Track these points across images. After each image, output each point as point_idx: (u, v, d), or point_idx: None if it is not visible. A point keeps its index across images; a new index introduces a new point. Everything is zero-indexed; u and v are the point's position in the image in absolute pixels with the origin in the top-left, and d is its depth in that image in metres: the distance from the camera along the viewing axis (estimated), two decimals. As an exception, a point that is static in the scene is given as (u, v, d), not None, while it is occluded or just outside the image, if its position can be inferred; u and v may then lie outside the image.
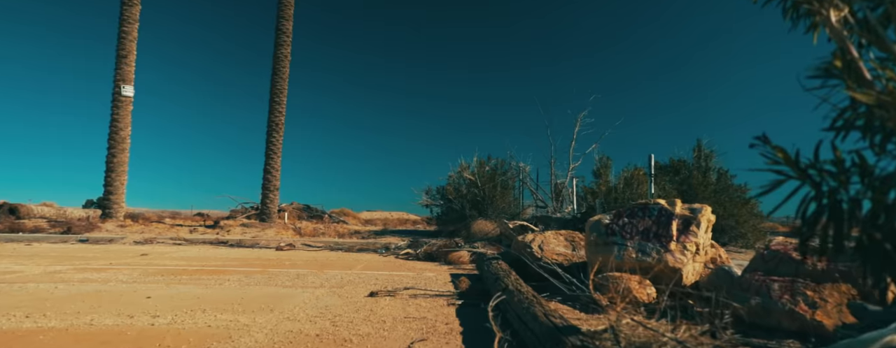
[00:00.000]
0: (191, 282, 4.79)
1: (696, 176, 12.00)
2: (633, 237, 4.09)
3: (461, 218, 12.25)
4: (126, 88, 14.06)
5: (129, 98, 14.24)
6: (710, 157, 12.66)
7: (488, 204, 11.88)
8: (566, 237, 5.27)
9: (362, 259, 7.87)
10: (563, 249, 5.08)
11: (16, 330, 2.80)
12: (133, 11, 14.18)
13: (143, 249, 8.87)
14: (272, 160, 14.97)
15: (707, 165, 12.54)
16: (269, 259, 7.52)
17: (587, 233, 4.40)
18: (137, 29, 14.27)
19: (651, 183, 6.60)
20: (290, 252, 9.00)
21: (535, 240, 5.20)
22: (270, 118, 15.14)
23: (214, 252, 8.65)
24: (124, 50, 14.08)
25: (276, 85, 15.05)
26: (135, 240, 10.69)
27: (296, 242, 10.88)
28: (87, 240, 10.78)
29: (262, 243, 10.72)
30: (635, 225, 4.14)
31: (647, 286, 3.67)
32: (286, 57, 15.06)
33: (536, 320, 2.39)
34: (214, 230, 13.03)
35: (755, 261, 3.19)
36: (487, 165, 12.83)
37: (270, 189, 14.84)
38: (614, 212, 4.36)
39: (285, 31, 15.00)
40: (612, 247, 4.13)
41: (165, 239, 11.05)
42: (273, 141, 15.04)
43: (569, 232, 5.43)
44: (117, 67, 14.07)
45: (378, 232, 14.50)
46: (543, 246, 5.12)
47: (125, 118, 14.17)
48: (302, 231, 12.99)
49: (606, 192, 11.38)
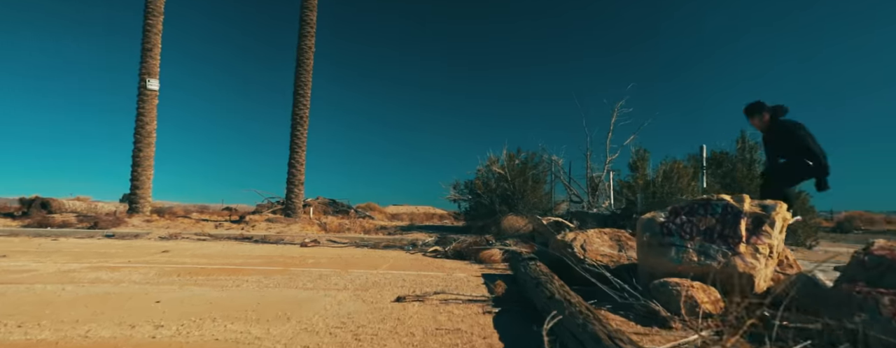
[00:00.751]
0: (206, 284, 4.49)
1: (741, 169, 11.30)
2: (693, 237, 3.60)
3: (490, 213, 11.81)
4: (151, 82, 13.99)
5: (155, 92, 14.18)
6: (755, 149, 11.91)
7: (519, 198, 11.40)
8: (611, 236, 4.79)
9: (389, 256, 7.52)
10: (609, 249, 4.61)
11: (1, 342, 2.49)
12: (158, 3, 14.07)
13: (166, 245, 8.70)
14: (297, 154, 14.76)
15: (752, 157, 11.80)
16: (293, 256, 7.22)
17: (639, 233, 3.93)
18: (162, 22, 14.19)
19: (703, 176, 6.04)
20: (315, 248, 8.71)
21: (576, 240, 4.74)
22: (295, 112, 14.91)
23: (237, 248, 8.42)
24: (149, 43, 14.00)
25: (300, 77, 14.80)
26: (160, 236, 10.56)
27: (321, 238, 10.60)
28: (113, 235, 10.71)
29: (287, 239, 10.47)
30: (696, 223, 3.65)
31: (712, 294, 3.19)
32: (310, 48, 14.78)
33: (599, 343, 1.95)
34: (239, 225, 12.88)
35: (853, 268, 2.68)
36: (517, 158, 12.34)
37: (295, 184, 14.64)
38: (670, 208, 3.87)
39: (309, 21, 14.71)
40: (668, 248, 3.65)
41: (190, 234, 10.91)
42: (297, 135, 14.82)
43: (613, 230, 4.95)
44: (142, 61, 14.00)
45: (404, 227, 14.18)
46: (586, 245, 4.66)
47: (151, 112, 14.12)
48: (327, 226, 12.75)
49: (644, 186, 10.79)
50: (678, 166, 10.90)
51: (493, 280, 5.17)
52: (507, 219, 10.75)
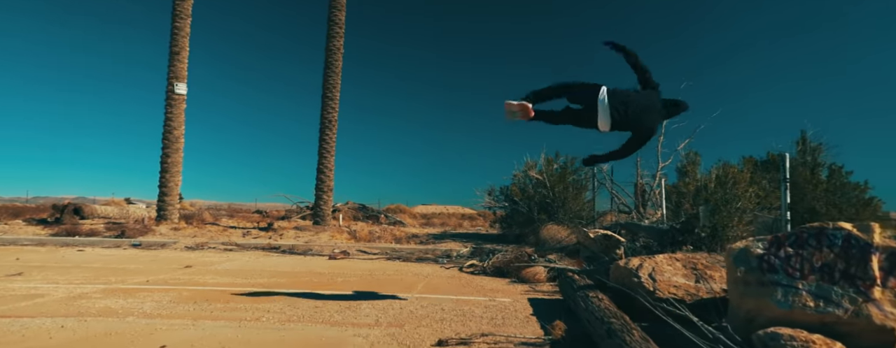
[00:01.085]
0: (223, 315, 3.99)
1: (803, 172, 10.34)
2: (805, 276, 2.90)
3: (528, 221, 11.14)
4: (179, 86, 13.78)
5: (183, 96, 13.96)
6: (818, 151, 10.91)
7: (559, 206, 10.70)
8: (684, 263, 4.10)
9: (423, 273, 6.96)
10: (683, 280, 3.92)
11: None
12: (185, 6, 13.84)
13: (191, 258, 8.33)
14: (326, 159, 14.34)
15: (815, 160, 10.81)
16: (321, 273, 6.73)
17: (729, 266, 3.25)
18: (190, 24, 13.96)
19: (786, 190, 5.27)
20: (344, 262, 8.22)
21: (643, 267, 4.07)
22: (323, 115, 14.50)
23: (263, 262, 7.98)
24: (177, 46, 13.78)
25: (328, 79, 14.37)
26: (186, 245, 10.26)
27: (350, 249, 10.13)
28: (139, 244, 10.46)
29: (315, 249, 10.03)
30: (807, 258, 2.95)
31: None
32: (339, 49, 14.33)
33: None
34: (267, 233, 12.53)
35: None
36: (556, 163, 11.62)
37: (324, 190, 14.22)
38: (770, 238, 3.17)
39: (337, 21, 14.25)
40: (772, 288, 2.96)
41: (217, 243, 10.58)
42: (326, 139, 14.40)
43: (687, 256, 4.26)
44: (170, 64, 13.79)
45: (437, 236, 13.62)
46: (655, 274, 3.98)
47: (179, 117, 13.92)
48: (357, 234, 12.28)
49: (694, 192, 9.95)
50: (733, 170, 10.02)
51: (543, 310, 4.55)
52: (547, 229, 10.07)
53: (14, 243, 10.60)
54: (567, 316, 4.13)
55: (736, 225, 8.86)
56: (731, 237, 8.86)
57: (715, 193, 9.54)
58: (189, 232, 12.48)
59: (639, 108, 3.81)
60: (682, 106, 4.07)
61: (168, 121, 13.94)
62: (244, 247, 10.32)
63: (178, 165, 14.07)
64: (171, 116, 13.94)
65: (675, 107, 4.05)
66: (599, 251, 7.09)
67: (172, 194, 14.12)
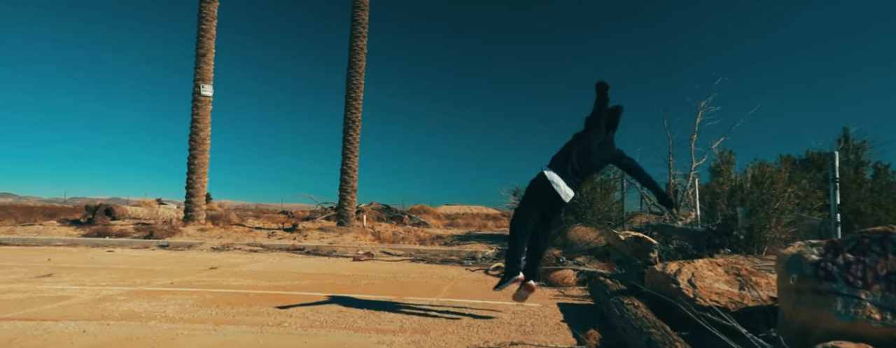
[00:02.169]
0: (245, 320, 3.90)
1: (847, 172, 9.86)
2: (868, 285, 2.66)
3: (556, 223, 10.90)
4: (205, 88, 13.91)
5: (209, 98, 14.09)
6: (862, 149, 10.40)
7: (586, 207, 10.41)
8: (727, 268, 3.85)
9: (448, 275, 6.81)
10: (726, 286, 3.68)
11: None
12: (211, 8, 13.97)
13: (216, 259, 8.34)
14: (349, 160, 14.31)
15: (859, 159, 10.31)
16: (345, 275, 6.64)
17: (779, 273, 3.01)
18: (216, 26, 14.08)
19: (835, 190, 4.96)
20: (368, 263, 8.13)
21: (682, 272, 3.84)
22: (347, 115, 14.47)
23: (288, 263, 7.94)
24: (203, 48, 13.91)
25: (351, 80, 14.33)
26: (212, 246, 10.31)
27: (374, 249, 10.04)
28: (167, 245, 10.56)
29: (339, 250, 9.98)
30: (870, 266, 2.70)
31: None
32: (362, 49, 14.28)
33: None
34: (292, 234, 12.55)
35: None
36: (582, 163, 11.30)
37: (348, 190, 14.19)
38: (826, 243, 2.92)
39: (361, 21, 14.20)
40: (830, 298, 2.71)
41: (242, 245, 10.61)
42: (350, 139, 14.37)
43: (729, 261, 4.01)
44: (196, 66, 13.94)
45: (462, 237, 13.45)
46: (695, 280, 3.74)
47: (205, 118, 14.05)
48: (381, 235, 12.20)
49: (729, 193, 9.59)
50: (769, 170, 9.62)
51: (574, 316, 4.35)
52: (575, 230, 9.81)
53: (48, 243, 10.82)
54: (600, 323, 3.93)
55: (773, 226, 8.48)
56: (769, 239, 8.50)
57: (751, 193, 9.18)
58: (215, 233, 12.58)
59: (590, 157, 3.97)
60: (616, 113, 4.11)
61: (194, 122, 14.09)
62: (269, 248, 10.33)
63: (205, 167, 14.21)
64: (198, 118, 14.08)
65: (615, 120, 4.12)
66: (630, 254, 6.83)
67: (199, 195, 14.27)
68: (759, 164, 10.07)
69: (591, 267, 6.62)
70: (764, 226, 8.12)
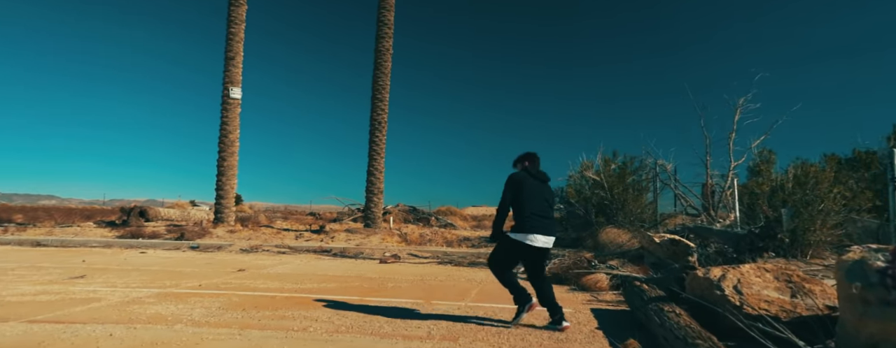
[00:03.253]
0: (270, 324, 3.83)
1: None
2: (943, 295, 2.41)
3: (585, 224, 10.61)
4: (234, 91, 14.08)
5: (237, 100, 14.26)
6: (918, 146, 9.84)
7: (618, 209, 10.11)
8: (776, 274, 3.60)
9: (476, 279, 6.66)
10: (776, 294, 3.43)
11: None
12: (240, 12, 14.14)
13: (244, 261, 8.37)
14: (375, 161, 14.28)
15: (909, 157, 9.75)
16: (371, 278, 6.55)
17: (840, 281, 2.77)
18: (244, 30, 14.26)
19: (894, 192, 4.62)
20: (395, 265, 8.04)
21: (726, 278, 3.61)
22: (373, 116, 14.45)
23: (315, 265, 7.91)
24: (232, 51, 14.09)
25: (377, 81, 14.31)
26: (241, 248, 10.39)
27: (401, 251, 9.96)
28: (197, 246, 10.68)
29: (366, 252, 9.92)
30: (944, 274, 2.45)
31: None
32: (388, 50, 14.24)
33: None
34: (319, 236, 12.57)
35: None
36: (614, 163, 11.01)
37: (374, 192, 14.16)
38: (892, 249, 2.67)
39: (387, 22, 14.17)
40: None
41: (270, 246, 10.67)
42: (376, 140, 14.34)
43: (779, 266, 3.76)
44: (225, 69, 14.13)
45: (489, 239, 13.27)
46: (742, 287, 3.51)
47: (234, 121, 14.22)
48: (408, 237, 12.11)
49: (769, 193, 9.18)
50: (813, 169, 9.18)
51: (608, 323, 4.15)
52: (606, 232, 9.54)
53: (84, 244, 11.07)
54: (639, 332, 3.73)
55: (819, 229, 8.06)
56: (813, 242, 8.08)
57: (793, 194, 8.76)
58: (244, 234, 12.70)
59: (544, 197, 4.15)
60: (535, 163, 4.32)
61: (224, 125, 14.27)
62: (296, 249, 10.34)
63: (234, 168, 14.38)
64: (227, 120, 14.26)
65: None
66: (666, 257, 6.56)
67: (229, 197, 14.44)
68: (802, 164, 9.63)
69: (625, 271, 6.39)
70: (808, 228, 7.72)
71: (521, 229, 3.93)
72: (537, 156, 4.33)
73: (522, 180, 4.07)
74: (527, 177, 4.11)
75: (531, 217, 3.95)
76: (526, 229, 3.92)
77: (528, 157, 4.29)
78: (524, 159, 4.29)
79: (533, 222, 3.94)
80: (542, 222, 3.98)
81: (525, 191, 4.02)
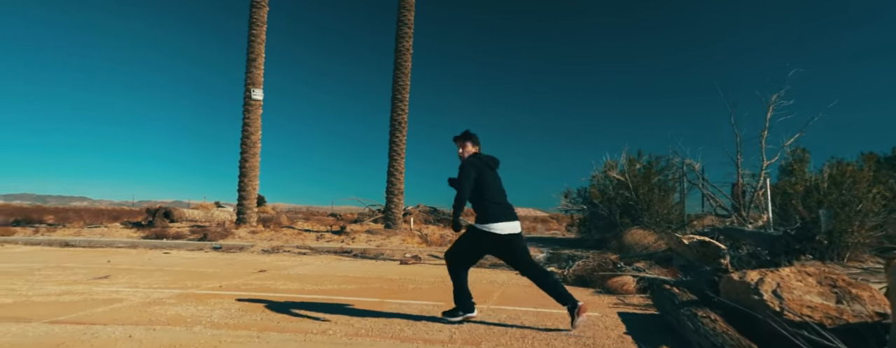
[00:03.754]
0: (290, 326, 3.76)
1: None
2: None
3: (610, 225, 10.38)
4: (256, 92, 14.18)
5: (259, 101, 14.36)
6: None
7: (643, 209, 9.85)
8: (819, 278, 3.40)
9: (498, 281, 6.53)
10: (819, 299, 3.23)
11: None
12: (261, 13, 14.24)
13: (265, 262, 8.38)
14: (396, 162, 14.24)
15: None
16: (392, 279, 6.47)
17: (893, 286, 2.58)
18: (265, 32, 14.36)
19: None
20: (415, 267, 7.95)
21: (765, 282, 3.42)
22: (393, 117, 14.41)
23: (335, 266, 7.86)
24: (253, 53, 14.20)
25: (398, 81, 14.27)
26: (262, 249, 10.43)
27: (422, 253, 9.87)
28: (220, 247, 10.76)
29: (387, 253, 9.86)
30: None
31: None
32: (408, 50, 14.18)
33: None
34: (340, 237, 12.56)
35: None
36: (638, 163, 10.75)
37: (394, 193, 14.11)
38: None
39: (407, 22, 14.12)
40: (960, 317, 2.28)
41: (292, 247, 10.69)
42: (396, 141, 14.30)
43: (822, 270, 3.55)
44: (247, 71, 14.24)
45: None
46: (782, 292, 3.32)
47: (256, 122, 14.33)
48: (428, 238, 12.02)
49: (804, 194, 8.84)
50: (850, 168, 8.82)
51: (637, 328, 3.98)
52: (631, 234, 9.31)
53: (110, 245, 11.25)
54: (672, 338, 3.57)
55: (856, 230, 7.73)
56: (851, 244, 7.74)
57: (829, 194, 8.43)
58: (266, 235, 12.76)
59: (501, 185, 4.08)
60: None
61: (246, 126, 14.39)
62: (317, 250, 10.34)
63: (256, 169, 14.48)
64: (249, 121, 14.37)
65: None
66: (695, 259, 6.34)
67: (251, 198, 14.55)
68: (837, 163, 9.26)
69: (652, 274, 6.19)
70: (845, 230, 7.40)
71: (487, 219, 3.82)
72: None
73: (481, 168, 3.95)
74: (482, 165, 3.99)
75: (494, 205, 3.86)
76: (491, 218, 3.81)
77: (473, 139, 4.14)
78: (469, 140, 4.12)
79: (497, 210, 3.85)
80: (506, 209, 3.89)
81: (485, 179, 3.91)
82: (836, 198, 8.29)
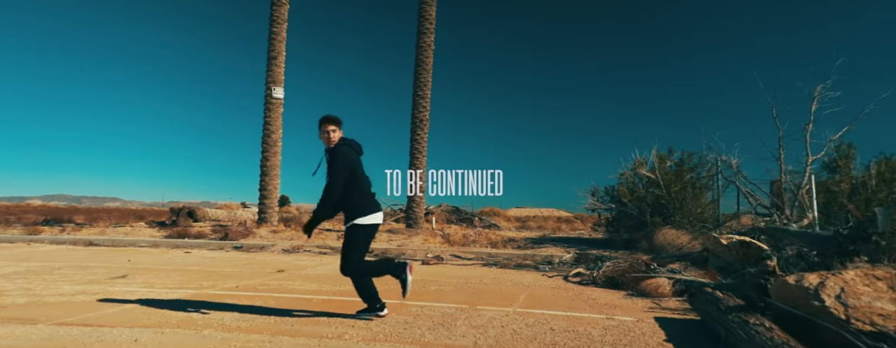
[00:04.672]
0: (304, 330, 3.54)
1: None
2: None
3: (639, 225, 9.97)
4: (276, 90, 14.12)
5: (280, 100, 14.29)
6: None
7: (675, 208, 9.42)
8: (890, 283, 3.03)
9: (524, 282, 6.23)
10: (891, 306, 2.87)
11: None
12: (282, 11, 14.17)
13: (285, 261, 8.23)
14: (417, 160, 14.01)
15: None
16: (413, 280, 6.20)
17: None
18: (286, 30, 14.28)
19: None
20: (437, 267, 7.70)
21: (826, 286, 3.07)
22: (414, 114, 14.18)
23: (355, 266, 7.65)
24: (274, 51, 14.14)
25: (419, 77, 14.04)
26: (282, 248, 10.31)
27: (444, 253, 9.61)
28: (241, 246, 10.68)
29: (408, 253, 9.63)
30: None
31: None
32: (430, 46, 13.95)
33: None
34: (360, 236, 12.36)
35: None
36: (669, 160, 10.30)
37: (416, 192, 13.90)
38: None
39: (428, 17, 13.88)
40: None
41: (312, 246, 10.55)
42: (417, 139, 14.07)
43: (892, 274, 3.17)
44: (268, 69, 14.19)
45: (535, 240, 12.76)
46: (846, 297, 2.96)
47: (276, 121, 14.26)
48: (450, 238, 11.76)
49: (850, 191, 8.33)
50: (900, 164, 8.29)
51: (678, 335, 3.65)
52: (662, 234, 8.91)
53: (133, 244, 11.27)
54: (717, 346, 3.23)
55: (911, 230, 7.22)
56: (905, 245, 7.23)
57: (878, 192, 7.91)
58: (287, 234, 12.67)
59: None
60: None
61: (266, 125, 14.33)
62: (337, 250, 10.16)
63: (277, 169, 14.41)
64: (270, 120, 14.31)
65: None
66: (735, 261, 5.95)
67: (272, 197, 14.49)
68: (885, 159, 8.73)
69: (689, 276, 5.82)
70: None
71: (368, 210, 3.71)
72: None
73: (355, 157, 3.77)
74: (355, 153, 3.79)
75: (370, 196, 3.78)
76: (372, 209, 3.74)
77: (338, 124, 3.84)
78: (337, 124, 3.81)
79: (372, 201, 3.77)
80: (375, 200, 3.84)
81: (359, 169, 3.75)
82: (885, 196, 7.77)
